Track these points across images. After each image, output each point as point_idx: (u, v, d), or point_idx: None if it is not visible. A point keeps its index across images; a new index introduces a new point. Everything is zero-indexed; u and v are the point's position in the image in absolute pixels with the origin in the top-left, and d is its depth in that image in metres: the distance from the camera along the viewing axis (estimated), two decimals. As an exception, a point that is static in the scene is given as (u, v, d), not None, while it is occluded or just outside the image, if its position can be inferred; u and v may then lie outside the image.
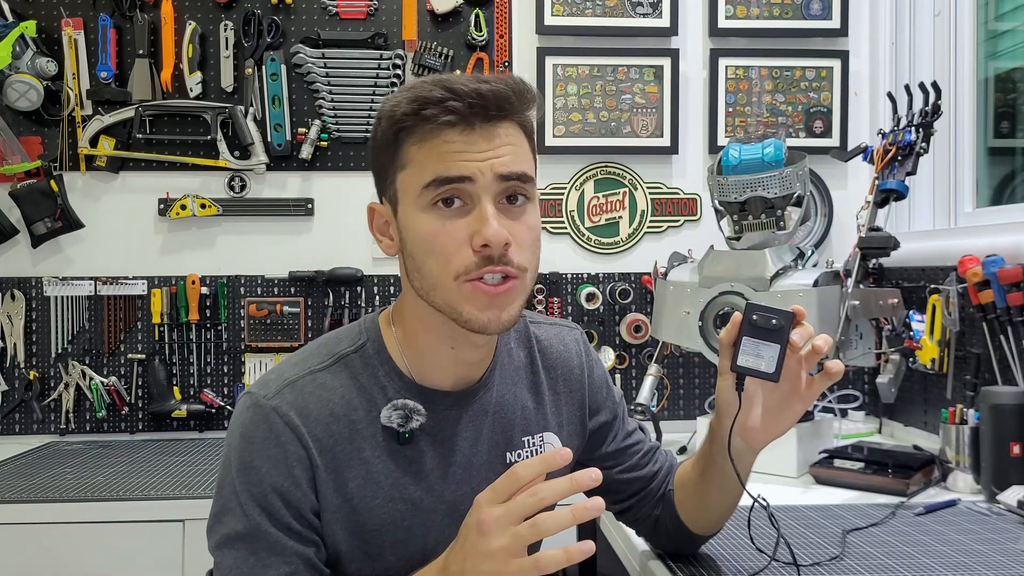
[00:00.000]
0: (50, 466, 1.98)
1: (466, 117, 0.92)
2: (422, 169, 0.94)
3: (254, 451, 0.96)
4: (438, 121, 0.92)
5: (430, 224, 0.94)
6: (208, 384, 2.34)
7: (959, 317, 1.85)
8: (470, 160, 0.92)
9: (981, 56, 2.16)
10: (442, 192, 0.93)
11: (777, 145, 1.80)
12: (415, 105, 0.93)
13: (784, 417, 1.07)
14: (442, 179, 0.93)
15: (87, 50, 2.30)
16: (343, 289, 2.36)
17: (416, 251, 0.96)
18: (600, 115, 2.42)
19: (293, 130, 2.36)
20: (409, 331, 1.03)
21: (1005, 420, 1.54)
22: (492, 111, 0.93)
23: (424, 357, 1.02)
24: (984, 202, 2.16)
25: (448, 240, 0.93)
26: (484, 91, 0.92)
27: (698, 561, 1.25)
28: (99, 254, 2.33)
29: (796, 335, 1.02)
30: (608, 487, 1.22)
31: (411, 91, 0.95)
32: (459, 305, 0.95)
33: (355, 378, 1.01)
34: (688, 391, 2.42)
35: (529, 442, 1.11)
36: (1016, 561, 1.24)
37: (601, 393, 1.21)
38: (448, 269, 0.94)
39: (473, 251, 0.93)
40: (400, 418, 1.00)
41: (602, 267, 2.44)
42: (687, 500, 1.19)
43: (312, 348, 1.05)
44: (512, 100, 0.94)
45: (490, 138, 0.93)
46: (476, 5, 2.37)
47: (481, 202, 0.93)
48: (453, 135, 0.92)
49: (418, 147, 0.94)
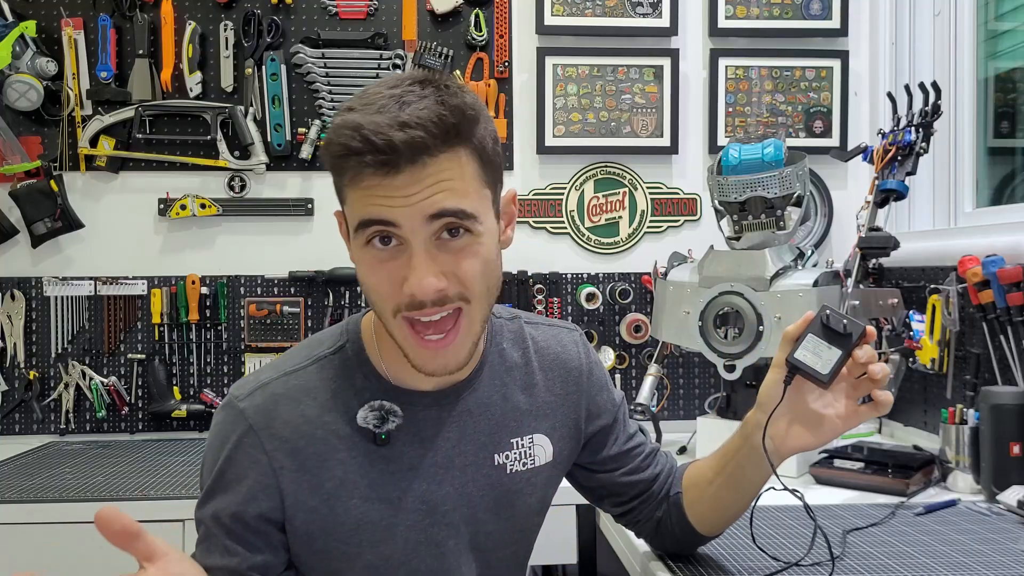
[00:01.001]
0: (50, 466, 1.98)
1: (384, 163, 0.87)
2: (352, 210, 0.92)
3: (221, 450, 0.99)
4: (361, 171, 0.88)
5: (367, 263, 0.93)
6: (208, 384, 2.34)
7: (959, 317, 1.85)
8: (394, 205, 0.88)
9: (981, 56, 2.16)
10: (371, 233, 0.91)
11: (777, 145, 1.80)
12: (336, 149, 0.89)
13: (818, 432, 1.08)
14: (366, 221, 0.90)
15: (87, 50, 2.30)
16: (343, 289, 2.36)
17: (361, 281, 0.97)
18: (600, 115, 2.42)
19: (293, 130, 2.36)
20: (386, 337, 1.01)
21: (1005, 420, 1.54)
22: (417, 155, 0.87)
23: (401, 360, 1.00)
24: (984, 202, 2.16)
25: (382, 280, 0.92)
26: (398, 141, 0.86)
27: (698, 561, 1.25)
28: (99, 254, 2.33)
29: (861, 352, 1.02)
30: (611, 490, 1.23)
31: (337, 131, 0.90)
32: (405, 345, 0.95)
33: (332, 380, 1.02)
34: (688, 391, 2.42)
35: (518, 443, 1.09)
36: (1016, 561, 1.24)
37: (601, 396, 1.19)
38: (387, 306, 0.93)
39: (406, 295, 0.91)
40: (376, 419, 1.00)
41: (602, 267, 2.44)
42: (699, 500, 1.18)
43: (293, 350, 1.07)
44: (429, 143, 0.87)
45: (417, 179, 0.88)
46: (476, 5, 2.37)
47: (412, 248, 0.90)
48: (376, 179, 0.88)
49: (350, 188, 0.91)
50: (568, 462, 1.19)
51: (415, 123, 0.87)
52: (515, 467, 1.09)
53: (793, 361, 1.04)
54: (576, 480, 1.25)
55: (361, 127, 0.87)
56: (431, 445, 1.04)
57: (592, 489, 1.25)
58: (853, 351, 1.03)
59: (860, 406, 1.06)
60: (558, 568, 2.13)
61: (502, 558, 1.12)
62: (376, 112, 0.88)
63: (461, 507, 1.05)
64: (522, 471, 1.10)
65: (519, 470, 1.09)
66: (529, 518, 1.14)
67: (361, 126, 0.87)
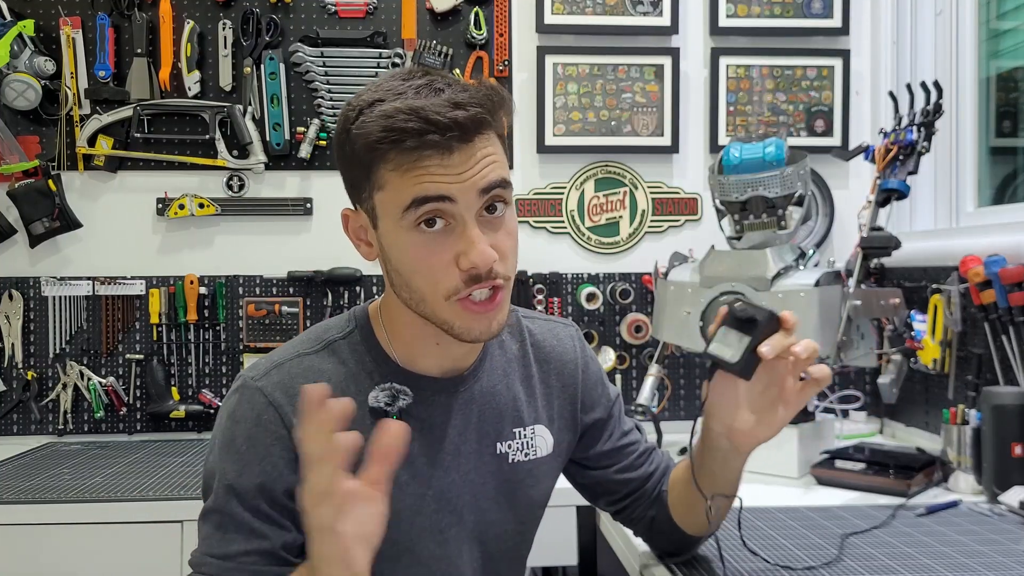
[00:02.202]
0: (48, 467, 1.97)
1: (445, 144, 0.91)
2: (400, 193, 0.93)
3: (236, 431, 0.98)
4: (418, 152, 0.91)
5: (415, 246, 0.95)
6: (206, 384, 2.33)
7: (961, 317, 1.84)
8: (451, 182, 0.92)
9: (983, 55, 2.16)
10: (423, 213, 0.93)
11: (778, 144, 1.79)
12: (392, 135, 0.91)
13: (771, 420, 1.05)
14: (421, 199, 0.92)
15: (85, 49, 2.29)
16: (342, 289, 2.36)
17: (402, 268, 0.97)
18: (600, 114, 2.41)
19: (292, 129, 2.35)
20: (396, 325, 1.04)
21: (1007, 420, 1.53)
22: (472, 134, 0.92)
23: (411, 347, 1.04)
24: (986, 202, 2.16)
25: (435, 261, 0.94)
26: (462, 119, 0.91)
27: (698, 563, 1.24)
28: (97, 254, 2.33)
29: (766, 346, 0.99)
30: (604, 487, 1.23)
31: (385, 119, 0.92)
32: (450, 320, 0.97)
33: (343, 363, 1.03)
34: (689, 391, 2.41)
35: (520, 434, 1.11)
36: (1018, 562, 1.24)
37: (596, 390, 1.21)
38: (437, 289, 0.95)
39: (460, 270, 0.94)
40: (387, 397, 1.01)
41: (602, 267, 2.43)
42: (677, 502, 1.19)
43: (302, 336, 1.08)
44: (489, 119, 0.94)
45: (469, 156, 0.93)
46: (476, 3, 2.36)
47: (466, 223, 0.93)
48: (432, 160, 0.91)
49: (395, 172, 0.93)
50: (567, 454, 1.20)
51: (469, 103, 0.92)
52: (517, 457, 1.11)
53: (706, 355, 1.03)
54: (571, 476, 1.26)
55: (419, 110, 0.90)
56: (439, 431, 1.05)
57: (587, 486, 1.25)
58: (761, 336, 1.00)
59: (802, 383, 1.04)
60: (558, 569, 2.12)
61: (503, 550, 1.12)
62: (421, 98, 0.92)
63: (465, 495, 1.07)
64: (524, 462, 1.11)
65: (521, 460, 1.11)
66: (531, 510, 1.15)
67: (419, 109, 0.90)
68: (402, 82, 0.94)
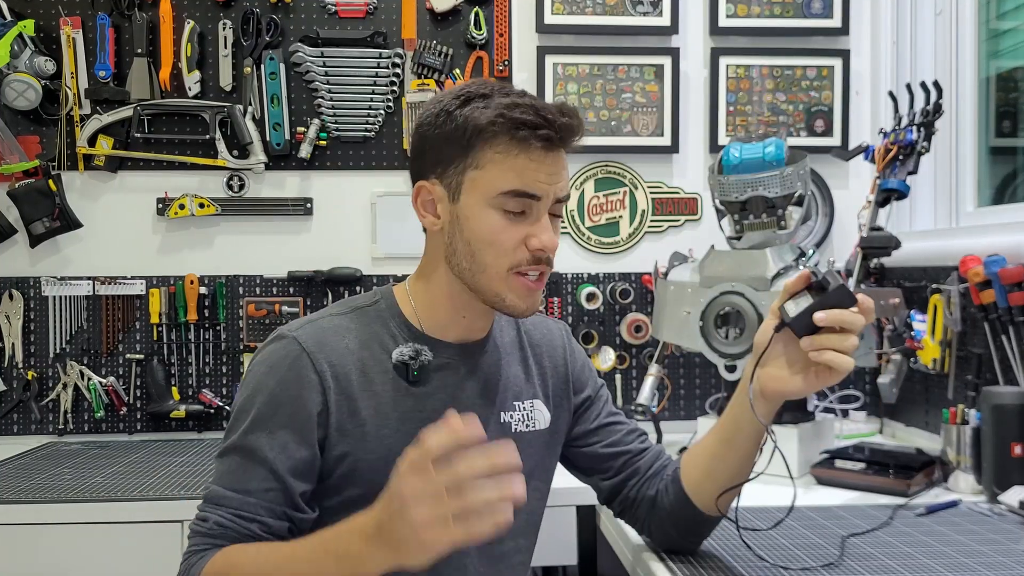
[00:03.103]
0: (48, 467, 1.97)
1: (551, 143, 1.06)
2: (501, 177, 1.07)
3: (272, 375, 1.08)
4: (529, 142, 1.06)
5: (497, 222, 1.09)
6: (207, 384, 2.33)
7: (960, 317, 1.84)
8: (544, 183, 1.08)
9: (983, 55, 2.16)
10: (516, 202, 1.08)
11: (778, 144, 1.79)
12: (508, 123, 1.05)
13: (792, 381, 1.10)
14: (520, 192, 1.07)
15: (85, 49, 2.29)
16: (342, 289, 2.36)
17: (474, 239, 1.10)
18: (600, 114, 2.41)
19: (292, 129, 2.35)
20: (431, 294, 1.16)
21: (1007, 420, 1.53)
22: (567, 142, 1.09)
23: (436, 314, 1.16)
24: (986, 202, 2.16)
25: (508, 238, 1.09)
26: (567, 124, 1.07)
27: (698, 562, 1.25)
28: (97, 254, 2.33)
29: (822, 313, 1.05)
30: (595, 464, 1.29)
31: (506, 108, 1.06)
32: (504, 293, 1.11)
33: (368, 325, 1.15)
34: (689, 391, 2.41)
35: (521, 406, 1.22)
36: (1018, 562, 1.24)
37: (584, 373, 1.32)
38: (503, 261, 1.09)
39: (528, 250, 1.09)
40: (411, 351, 1.12)
41: (602, 267, 2.43)
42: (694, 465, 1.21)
43: (332, 305, 1.20)
44: (577, 135, 1.09)
45: (555, 163, 1.09)
46: (476, 3, 2.36)
47: (541, 215, 1.10)
48: (536, 155, 1.07)
49: (501, 155, 1.07)
50: (564, 434, 1.28)
51: (572, 114, 1.09)
52: (519, 427, 1.21)
53: (780, 308, 1.09)
54: (565, 458, 1.32)
55: (539, 108, 1.06)
56: (452, 392, 1.15)
57: (581, 468, 1.32)
58: (825, 304, 1.06)
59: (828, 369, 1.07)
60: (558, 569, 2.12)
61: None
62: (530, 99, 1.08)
63: None
64: (525, 432, 1.21)
65: (522, 431, 1.21)
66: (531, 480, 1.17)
67: (538, 107, 1.06)
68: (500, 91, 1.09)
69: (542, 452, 1.23)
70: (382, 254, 2.37)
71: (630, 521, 1.30)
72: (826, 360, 1.06)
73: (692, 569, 1.22)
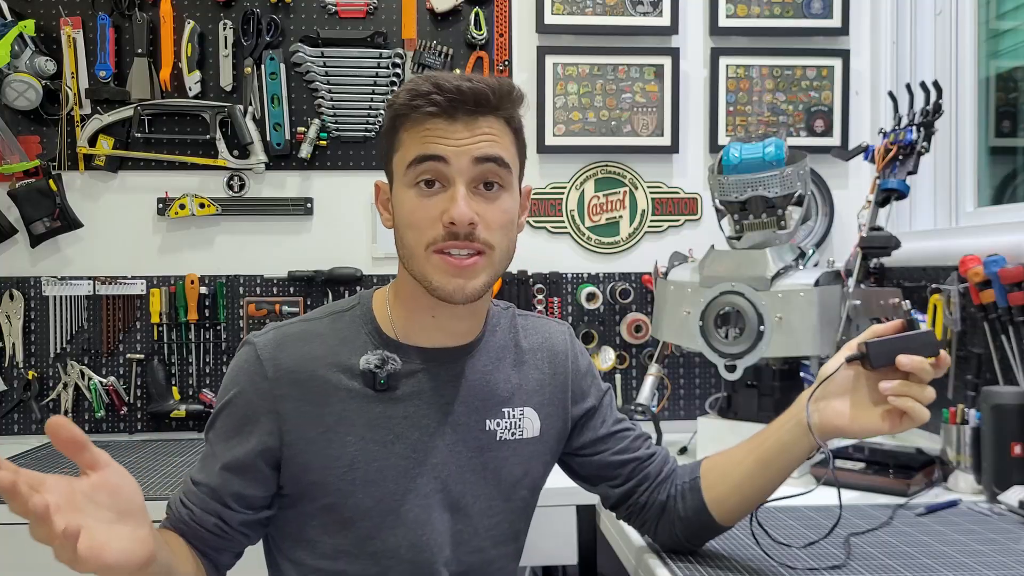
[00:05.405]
0: (49, 467, 1.97)
1: (447, 109, 1.04)
2: (407, 150, 1.06)
3: (230, 379, 1.12)
4: (424, 111, 1.04)
5: (411, 200, 1.06)
6: (207, 384, 2.33)
7: (960, 317, 1.84)
8: (448, 144, 1.04)
9: (982, 55, 2.16)
10: (422, 170, 1.05)
11: (778, 144, 1.80)
12: (407, 96, 1.06)
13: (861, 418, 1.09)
14: (420, 157, 1.05)
15: (86, 49, 2.29)
16: (342, 289, 2.36)
17: (399, 223, 1.09)
18: (600, 114, 2.42)
19: (292, 129, 2.35)
20: (400, 296, 1.14)
21: (1006, 420, 1.53)
22: (470, 106, 1.05)
23: (410, 319, 1.14)
24: (985, 201, 2.16)
25: (423, 215, 1.06)
26: (464, 88, 1.04)
27: (698, 561, 1.25)
28: (98, 254, 2.33)
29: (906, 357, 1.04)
30: (605, 473, 1.26)
31: (408, 84, 1.08)
32: (429, 274, 1.06)
33: (340, 330, 1.14)
34: (689, 391, 2.41)
35: (509, 413, 1.18)
36: (1017, 561, 1.24)
37: (586, 380, 1.27)
38: (420, 239, 1.06)
39: (443, 226, 1.04)
40: (377, 360, 1.10)
41: (602, 267, 2.43)
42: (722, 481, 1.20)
43: (317, 308, 1.21)
44: (490, 97, 1.05)
45: (471, 128, 1.05)
46: (476, 4, 2.36)
47: (455, 184, 1.05)
48: (436, 123, 1.05)
49: (408, 132, 1.07)
50: (556, 444, 1.24)
51: (479, 82, 1.06)
52: (504, 435, 1.17)
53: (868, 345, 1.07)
54: (571, 469, 1.29)
55: (433, 78, 1.06)
56: (427, 399, 1.13)
57: (588, 477, 1.29)
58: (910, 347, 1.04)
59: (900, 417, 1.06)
60: (558, 569, 2.12)
61: (488, 527, 1.17)
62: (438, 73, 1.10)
63: (451, 464, 1.13)
64: (510, 440, 1.18)
65: (507, 439, 1.18)
66: (515, 489, 1.19)
67: (434, 78, 1.06)
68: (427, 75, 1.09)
69: (529, 460, 1.20)
70: (382, 254, 2.38)
71: (635, 524, 1.29)
72: (907, 407, 1.04)
73: (694, 569, 1.22)
